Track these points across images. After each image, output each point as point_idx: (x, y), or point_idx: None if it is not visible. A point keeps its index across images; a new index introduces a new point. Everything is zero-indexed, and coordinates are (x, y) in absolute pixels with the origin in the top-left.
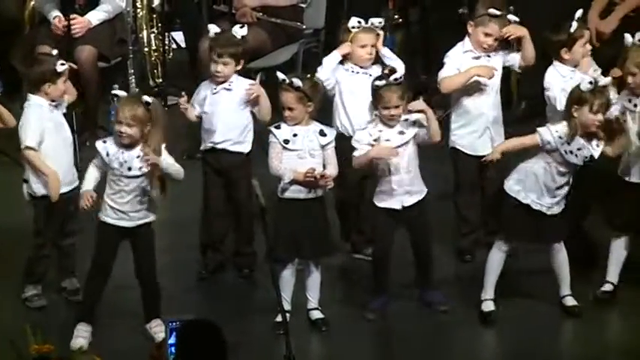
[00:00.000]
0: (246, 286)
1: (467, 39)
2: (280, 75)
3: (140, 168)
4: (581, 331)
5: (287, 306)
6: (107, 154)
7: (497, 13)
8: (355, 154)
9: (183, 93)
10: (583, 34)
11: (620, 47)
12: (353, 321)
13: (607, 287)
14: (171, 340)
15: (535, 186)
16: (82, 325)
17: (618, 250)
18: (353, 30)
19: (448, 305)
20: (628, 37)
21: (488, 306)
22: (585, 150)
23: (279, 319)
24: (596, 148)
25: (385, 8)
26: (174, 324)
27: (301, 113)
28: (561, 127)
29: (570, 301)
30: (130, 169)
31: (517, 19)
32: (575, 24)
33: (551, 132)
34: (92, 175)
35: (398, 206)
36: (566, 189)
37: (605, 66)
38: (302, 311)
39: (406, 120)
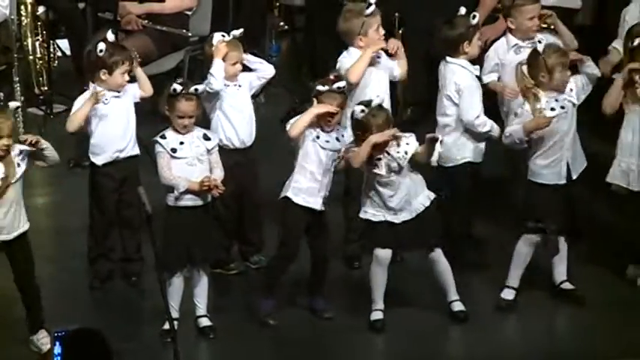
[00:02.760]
0: (134, 293)
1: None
2: (178, 86)
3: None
4: (470, 336)
5: (175, 314)
6: None
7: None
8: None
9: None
10: (479, 27)
11: None
12: (241, 328)
13: (509, 295)
14: (57, 350)
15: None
16: None
17: (523, 255)
18: (219, 45)
19: (332, 312)
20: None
21: (376, 315)
22: None
23: (166, 326)
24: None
25: (270, 15)
26: (60, 333)
27: (194, 120)
28: None
29: (457, 307)
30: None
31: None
32: (477, 15)
33: None
34: None
35: (318, 207)
36: (402, 195)
37: None
38: (190, 318)
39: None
